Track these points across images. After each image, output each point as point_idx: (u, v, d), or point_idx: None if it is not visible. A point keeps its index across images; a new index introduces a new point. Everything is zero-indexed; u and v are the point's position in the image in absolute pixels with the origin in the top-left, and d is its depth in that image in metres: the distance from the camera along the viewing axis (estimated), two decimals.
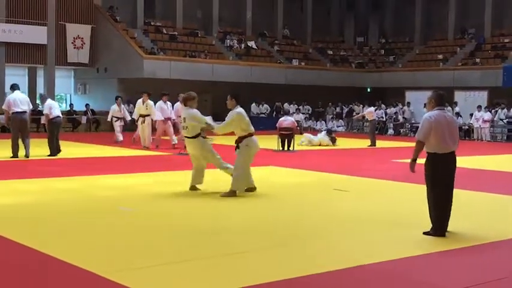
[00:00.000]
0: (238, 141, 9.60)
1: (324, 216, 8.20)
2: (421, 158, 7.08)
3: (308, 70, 34.09)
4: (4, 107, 14.91)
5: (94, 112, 28.20)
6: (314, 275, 5.35)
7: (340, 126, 31.74)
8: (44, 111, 15.21)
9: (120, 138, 19.80)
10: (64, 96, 32.27)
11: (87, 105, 28.07)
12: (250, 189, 9.91)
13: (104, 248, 6.19)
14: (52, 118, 15.09)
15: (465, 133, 27.53)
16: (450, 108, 28.76)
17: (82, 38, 29.71)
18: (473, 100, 29.49)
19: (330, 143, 21.08)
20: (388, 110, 30.86)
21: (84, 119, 27.60)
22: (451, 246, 6.54)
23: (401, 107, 31.17)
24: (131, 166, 13.80)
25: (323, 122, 31.94)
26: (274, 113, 32.03)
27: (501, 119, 27.30)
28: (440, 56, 34.16)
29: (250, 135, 9.57)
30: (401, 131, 29.94)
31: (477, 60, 32.07)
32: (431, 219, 7.00)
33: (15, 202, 8.75)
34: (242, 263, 5.77)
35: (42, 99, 15.91)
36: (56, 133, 15.32)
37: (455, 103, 29.02)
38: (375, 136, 21.78)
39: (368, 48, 38.80)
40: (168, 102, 18.20)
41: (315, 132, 24.97)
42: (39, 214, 7.96)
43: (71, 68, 31.09)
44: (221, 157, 10.04)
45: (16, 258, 5.82)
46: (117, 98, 20.63)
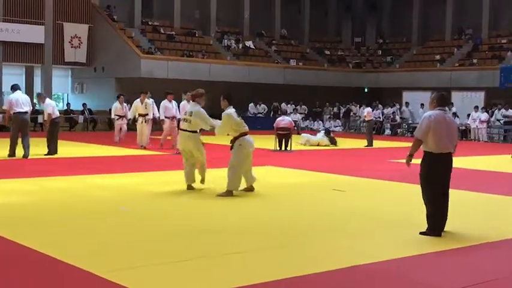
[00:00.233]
0: (232, 141, 9.66)
1: (321, 216, 8.20)
2: (417, 158, 7.10)
3: (305, 70, 34.11)
4: (5, 107, 14.88)
5: (91, 111, 28.20)
6: (311, 275, 5.35)
7: (337, 126, 31.77)
8: (47, 110, 15.10)
9: (116, 138, 19.61)
10: (61, 95, 32.24)
11: (84, 104, 28.05)
12: (248, 189, 9.92)
13: (101, 248, 6.18)
14: (55, 118, 15.24)
15: (462, 133, 27.56)
16: (447, 108, 28.83)
17: (79, 38, 29.70)
18: (470, 101, 29.54)
19: (329, 144, 21.05)
20: (385, 110, 30.90)
21: (81, 119, 27.59)
22: (448, 246, 6.55)
23: (398, 107, 31.21)
24: (128, 166, 13.79)
25: (320, 122, 31.96)
26: (271, 113, 32.05)
27: (498, 120, 27.36)
28: (437, 57, 34.20)
29: (243, 134, 9.61)
30: (398, 131, 29.97)
31: (474, 61, 32.11)
32: (427, 219, 7.01)
33: (10, 201, 8.73)
34: (239, 263, 5.77)
35: (40, 98, 15.83)
36: (57, 132, 15.45)
37: (451, 104, 29.04)
38: (372, 136, 21.80)
39: (365, 48, 38.84)
40: (174, 101, 18.07)
41: (313, 132, 24.96)
42: (35, 213, 7.94)
43: (68, 68, 31.06)
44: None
45: (13, 257, 5.81)
46: (119, 96, 20.34)
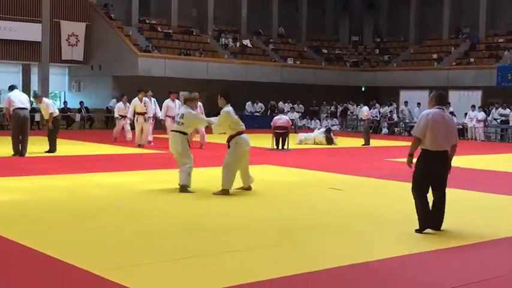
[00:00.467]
0: (228, 139, 9.67)
1: (318, 214, 8.21)
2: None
3: (303, 69, 34.08)
4: (5, 105, 14.84)
5: (88, 110, 28.17)
6: (308, 274, 5.35)
7: (334, 125, 31.74)
8: (49, 110, 15.20)
9: (129, 136, 19.28)
10: (58, 93, 32.18)
11: (81, 102, 28.01)
12: (246, 188, 9.93)
13: (98, 246, 6.17)
14: (55, 116, 15.40)
15: (459, 133, 27.48)
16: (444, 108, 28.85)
17: (76, 36, 29.64)
18: (467, 100, 29.57)
19: (324, 141, 21.02)
20: (382, 109, 30.91)
21: (78, 117, 27.55)
22: (447, 244, 6.55)
23: (395, 106, 31.23)
24: (126, 164, 13.79)
25: (317, 121, 31.96)
26: (268, 112, 32.03)
27: (495, 119, 27.38)
28: (434, 56, 34.22)
29: (239, 133, 9.61)
30: (395, 130, 29.99)
31: (471, 60, 32.13)
32: (418, 215, 7.10)
33: (9, 200, 8.72)
34: (236, 261, 5.77)
35: (37, 98, 15.77)
36: (57, 130, 15.65)
37: (448, 103, 29.06)
38: (369, 135, 21.81)
39: (363, 47, 38.84)
40: (177, 100, 17.83)
41: (310, 130, 24.94)
42: (32, 212, 7.93)
43: (65, 66, 30.99)
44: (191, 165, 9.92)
45: (11, 255, 5.80)
46: (122, 96, 20.15)
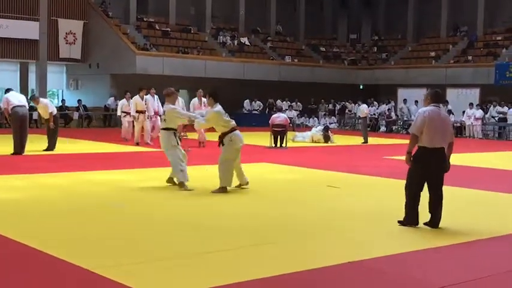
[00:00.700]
0: (221, 136, 9.68)
1: (316, 212, 8.21)
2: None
3: (301, 67, 34.08)
4: (3, 105, 14.83)
5: (86, 108, 28.14)
6: (306, 271, 5.35)
7: (332, 123, 31.76)
8: (49, 109, 15.31)
9: (125, 135, 19.25)
10: (56, 91, 32.15)
11: (79, 101, 27.99)
12: (242, 185, 9.95)
13: (95, 244, 6.17)
14: (55, 115, 15.48)
15: (457, 130, 27.60)
16: (441, 105, 28.81)
17: (74, 34, 29.61)
18: (465, 97, 29.59)
19: (322, 139, 21.05)
20: (380, 108, 30.92)
21: (76, 115, 27.52)
22: (444, 242, 6.56)
23: (393, 104, 31.25)
24: (124, 162, 13.77)
25: (315, 119, 31.98)
26: (267, 110, 32.02)
27: (493, 117, 27.41)
28: (432, 54, 34.24)
29: (233, 130, 9.63)
30: (393, 128, 30.00)
31: (469, 57, 32.16)
32: (406, 209, 7.20)
33: (5, 198, 8.71)
34: (234, 260, 5.77)
35: (35, 100, 15.69)
36: (57, 129, 15.72)
37: (446, 101, 29.09)
38: (367, 133, 21.82)
39: (361, 45, 38.85)
40: (180, 98, 17.66)
41: (308, 128, 24.95)
42: (30, 210, 7.93)
43: (63, 64, 30.97)
44: (184, 163, 9.89)
45: (10, 254, 5.80)
46: (126, 93, 19.75)
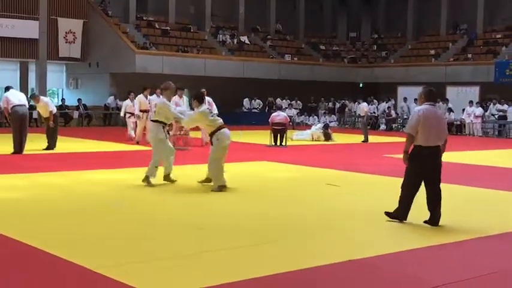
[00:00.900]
0: (210, 135, 9.72)
1: (316, 211, 8.21)
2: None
3: (301, 65, 34.08)
4: (3, 104, 14.79)
5: (86, 107, 28.15)
6: (306, 270, 5.36)
7: (332, 121, 31.75)
8: (49, 108, 15.30)
9: (133, 134, 18.84)
10: (56, 91, 32.16)
11: (79, 100, 27.99)
12: (208, 180, 9.87)
13: (95, 243, 6.18)
14: (54, 114, 15.47)
15: (457, 128, 27.62)
16: (441, 103, 28.91)
17: (74, 33, 29.61)
18: (465, 95, 29.60)
19: (322, 137, 21.06)
20: (380, 106, 30.92)
21: (76, 114, 27.52)
22: (444, 240, 6.57)
23: (393, 102, 31.25)
24: (124, 161, 13.78)
25: (315, 117, 31.97)
26: (266, 108, 32.02)
27: (493, 114, 27.42)
28: (432, 52, 34.23)
29: (219, 128, 9.63)
30: (393, 126, 30.01)
31: (469, 55, 32.15)
32: (400, 203, 7.30)
33: (6, 197, 8.71)
34: (233, 259, 5.77)
35: (35, 99, 15.67)
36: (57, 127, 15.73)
37: (446, 100, 29.13)
38: (368, 131, 21.81)
39: (360, 43, 38.83)
40: (185, 97, 17.40)
41: (308, 127, 24.94)
42: (29, 209, 7.94)
43: (63, 63, 30.97)
44: (170, 160, 9.92)
45: (11, 253, 5.81)
46: (129, 93, 19.27)
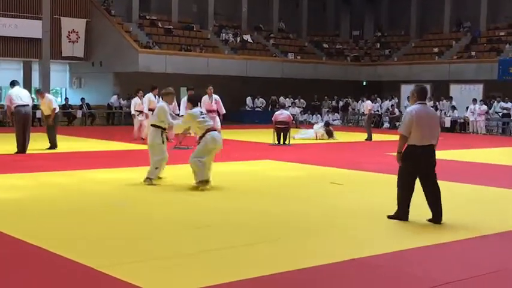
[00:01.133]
0: (199, 138, 9.70)
1: (319, 209, 8.20)
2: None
3: (304, 64, 34.07)
4: (6, 102, 14.73)
5: (89, 106, 28.18)
6: (307, 269, 5.35)
7: (335, 119, 31.75)
8: (53, 105, 15.23)
9: (136, 135, 18.60)
10: (59, 90, 32.21)
11: (82, 99, 28.03)
12: (204, 182, 9.72)
13: (98, 242, 6.19)
14: (57, 112, 15.39)
15: (460, 126, 27.58)
16: (444, 101, 28.89)
17: (77, 32, 29.65)
18: (468, 93, 29.56)
19: (325, 136, 21.06)
20: (383, 104, 30.88)
21: (79, 113, 27.57)
22: (447, 239, 6.55)
23: (396, 101, 31.21)
24: (127, 160, 13.78)
25: (319, 116, 31.95)
26: (269, 107, 32.03)
27: (496, 112, 27.36)
28: (435, 49, 34.18)
29: (208, 130, 9.61)
30: (397, 125, 29.92)
31: (472, 53, 32.09)
32: (398, 203, 7.35)
33: (9, 197, 8.73)
34: (235, 258, 5.77)
35: (40, 94, 15.69)
36: (56, 126, 15.63)
37: (450, 97, 29.09)
38: (371, 130, 21.79)
39: (363, 41, 38.79)
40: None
41: (311, 125, 24.93)
42: (32, 209, 7.95)
43: (66, 62, 31.02)
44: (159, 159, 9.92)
45: (13, 253, 5.82)
46: (138, 91, 18.77)
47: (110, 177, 10.90)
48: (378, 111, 30.13)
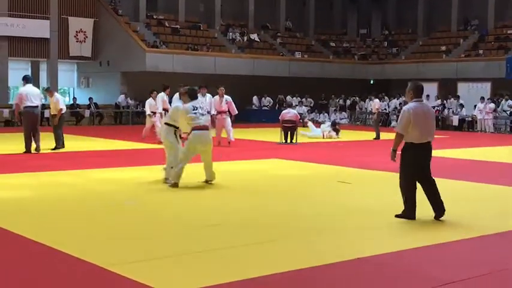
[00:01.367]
0: (187, 135, 9.69)
1: (326, 208, 8.20)
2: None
3: (311, 62, 34.03)
4: (16, 101, 14.69)
5: (97, 106, 28.26)
6: (311, 268, 5.35)
7: (343, 118, 31.70)
8: (59, 105, 15.11)
9: (147, 133, 18.46)
10: (67, 89, 32.31)
11: (90, 98, 28.11)
12: (209, 181, 9.86)
13: (105, 241, 6.22)
14: (63, 113, 15.34)
15: (468, 125, 27.48)
16: (452, 100, 28.81)
17: (84, 32, 29.73)
18: (476, 91, 29.45)
19: (333, 133, 21.05)
20: (391, 103, 30.81)
21: (87, 113, 27.65)
22: (455, 237, 6.54)
23: (404, 99, 31.10)
24: (133, 159, 13.80)
25: (326, 114, 31.91)
26: (277, 106, 32.02)
27: (504, 110, 27.24)
28: (443, 48, 34.06)
29: (194, 128, 9.51)
30: None
31: (480, 51, 31.98)
32: (404, 203, 7.37)
33: (18, 196, 8.77)
34: (240, 257, 5.78)
35: (49, 92, 15.72)
36: (62, 126, 15.56)
37: (457, 96, 29.01)
38: (379, 129, 21.73)
39: (371, 40, 38.70)
40: (208, 94, 16.89)
41: (318, 124, 24.91)
42: (40, 208, 7.99)
43: (74, 62, 31.11)
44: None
45: (18, 250, 5.86)
46: (152, 92, 18.15)
47: (118, 176, 10.93)
48: (386, 109, 30.07)
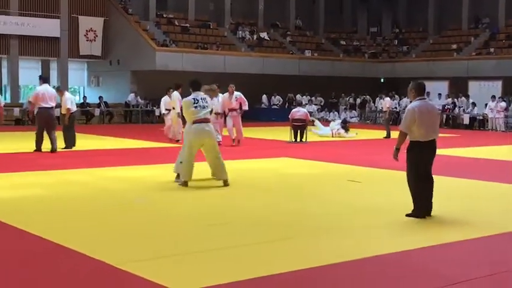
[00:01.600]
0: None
1: (336, 206, 8.18)
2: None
3: (321, 61, 33.94)
4: (31, 100, 14.70)
5: (107, 104, 28.34)
6: (318, 268, 5.33)
7: (353, 117, 31.61)
8: (67, 105, 15.04)
9: (171, 134, 18.12)
10: (77, 88, 32.43)
11: (100, 97, 28.20)
12: (218, 179, 9.77)
13: (115, 239, 6.23)
14: (72, 112, 15.30)
15: (479, 123, 27.33)
16: (463, 98, 28.65)
17: (95, 31, 29.81)
18: (487, 90, 29.28)
19: (342, 131, 20.98)
20: (402, 101, 30.69)
21: (97, 112, 27.73)
22: (464, 237, 6.50)
23: None
24: (143, 158, 13.83)
25: (336, 113, 31.83)
26: (286, 105, 31.98)
27: None
28: (454, 46, 33.89)
29: (194, 122, 9.44)
30: None
31: (491, 49, 31.79)
32: (414, 201, 7.38)
33: (30, 194, 8.80)
34: (249, 255, 5.77)
35: (60, 92, 15.76)
36: (73, 125, 15.53)
37: (467, 95, 28.86)
38: (390, 127, 21.64)
39: (381, 38, 38.56)
40: (220, 94, 16.46)
41: (327, 122, 24.83)
42: (50, 206, 8.01)
43: (84, 61, 31.21)
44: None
45: (27, 247, 5.87)
46: (168, 89, 17.96)
47: (128, 175, 10.94)
48: (396, 108, 29.95)
